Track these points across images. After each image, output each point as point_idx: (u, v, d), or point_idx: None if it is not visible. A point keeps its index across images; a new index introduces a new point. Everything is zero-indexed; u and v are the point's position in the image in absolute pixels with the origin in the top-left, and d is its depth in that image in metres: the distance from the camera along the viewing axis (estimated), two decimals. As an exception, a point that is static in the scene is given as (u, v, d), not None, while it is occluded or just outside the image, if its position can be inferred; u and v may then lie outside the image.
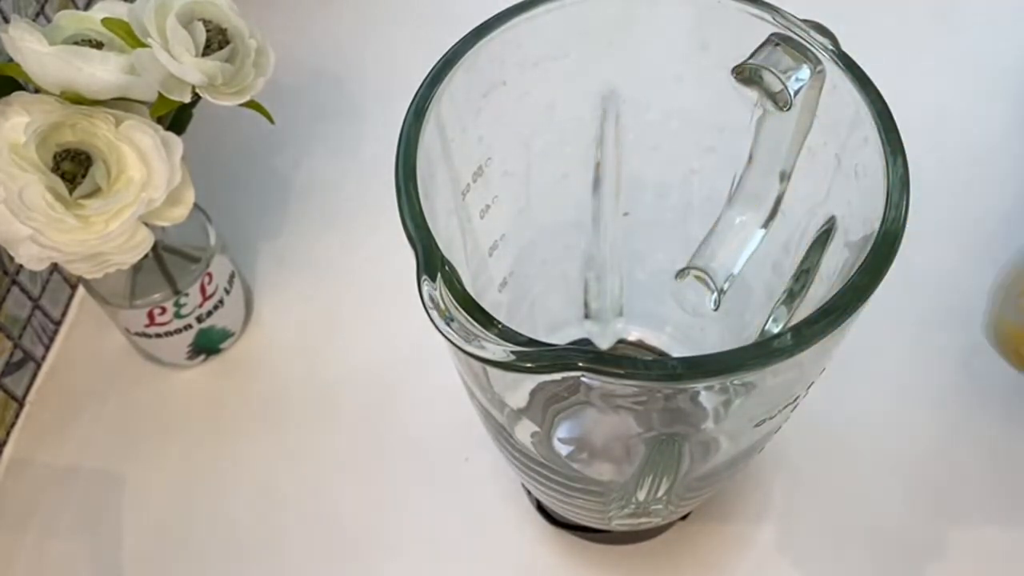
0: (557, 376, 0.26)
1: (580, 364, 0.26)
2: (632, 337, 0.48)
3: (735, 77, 0.30)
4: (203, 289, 0.52)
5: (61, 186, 0.42)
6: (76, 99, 0.43)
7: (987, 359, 0.52)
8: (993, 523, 0.47)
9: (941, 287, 0.54)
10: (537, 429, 0.40)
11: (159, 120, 0.45)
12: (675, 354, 0.47)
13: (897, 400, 0.51)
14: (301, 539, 0.49)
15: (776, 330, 0.36)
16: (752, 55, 0.30)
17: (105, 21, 0.45)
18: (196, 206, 0.47)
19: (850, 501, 0.48)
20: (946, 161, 0.59)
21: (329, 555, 0.49)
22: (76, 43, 0.44)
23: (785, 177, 0.34)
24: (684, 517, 0.47)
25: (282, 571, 0.49)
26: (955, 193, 0.57)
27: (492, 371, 0.32)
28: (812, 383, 0.33)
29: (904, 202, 0.28)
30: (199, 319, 0.53)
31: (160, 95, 0.44)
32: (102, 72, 0.42)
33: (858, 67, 0.31)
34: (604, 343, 0.48)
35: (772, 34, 0.30)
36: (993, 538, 0.47)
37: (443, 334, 0.26)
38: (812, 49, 0.30)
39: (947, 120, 0.61)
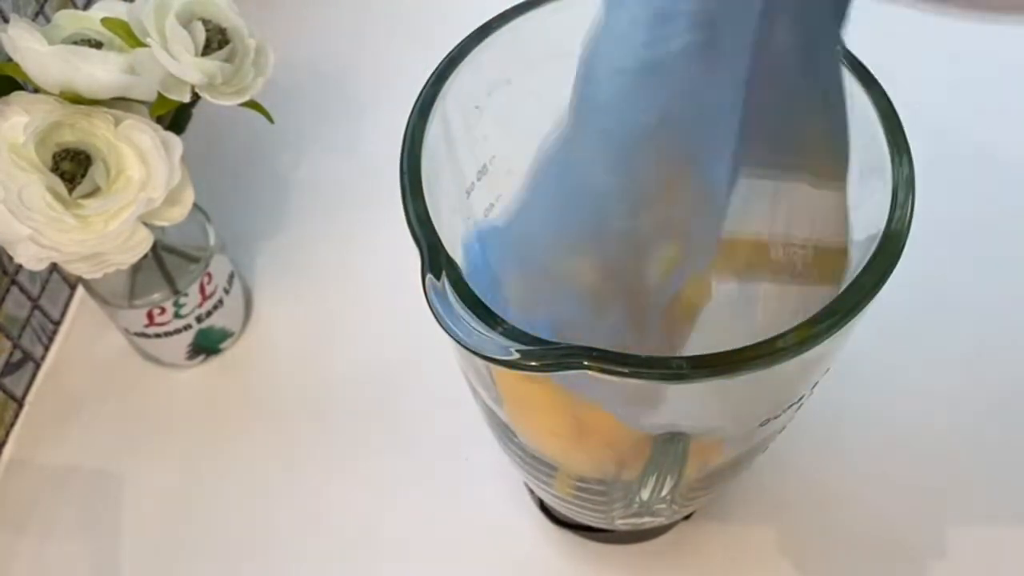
0: (562, 375, 0.26)
1: (585, 362, 0.26)
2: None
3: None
4: (202, 289, 0.52)
5: (60, 186, 0.42)
6: (75, 99, 0.43)
7: (989, 359, 0.52)
8: (994, 524, 0.47)
9: (943, 287, 0.54)
10: (540, 428, 0.39)
11: (159, 120, 0.45)
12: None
13: (898, 400, 0.51)
14: (300, 539, 0.49)
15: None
16: None
17: (104, 21, 0.45)
18: (195, 206, 0.47)
19: (852, 502, 0.48)
20: (950, 160, 0.59)
21: (329, 555, 0.49)
22: (75, 43, 0.44)
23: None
24: (687, 517, 0.47)
25: (281, 571, 0.49)
26: (959, 192, 0.57)
27: (496, 370, 0.32)
28: (816, 383, 0.33)
29: (909, 202, 0.28)
30: (198, 319, 0.53)
31: (160, 95, 0.44)
32: (101, 72, 0.42)
33: (863, 66, 0.31)
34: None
35: None
36: (994, 539, 0.47)
37: (447, 332, 0.26)
38: None
39: (952, 120, 0.61)
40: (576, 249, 0.28)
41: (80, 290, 0.60)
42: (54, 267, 0.57)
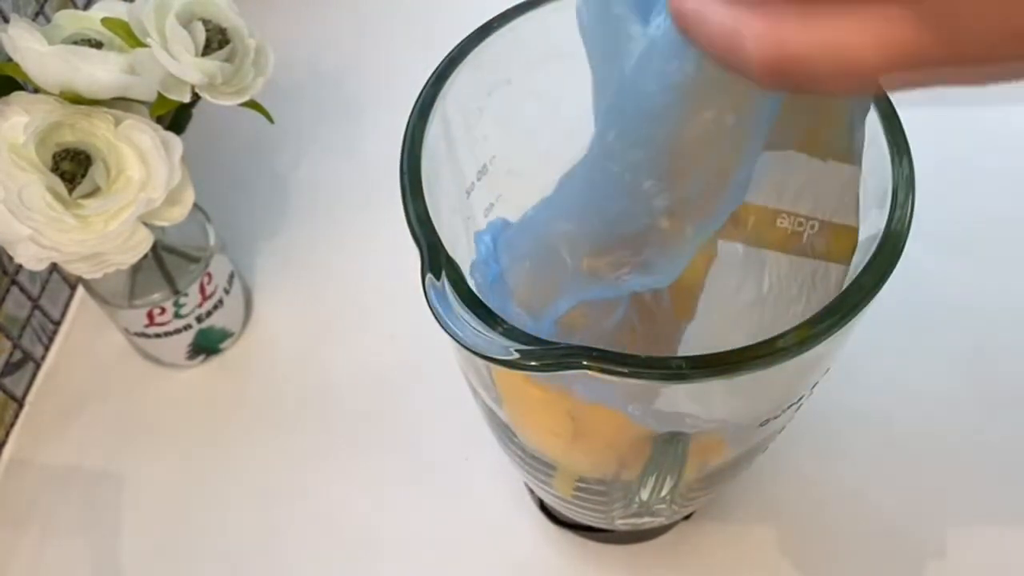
0: (562, 375, 0.26)
1: (584, 362, 0.26)
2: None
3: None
4: (202, 289, 0.52)
5: (60, 186, 0.42)
6: (75, 99, 0.43)
7: (989, 360, 0.52)
8: (994, 524, 0.47)
9: (943, 287, 0.54)
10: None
11: (159, 120, 0.45)
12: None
13: (899, 401, 0.51)
14: (300, 539, 0.49)
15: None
16: None
17: (104, 21, 0.45)
18: (195, 206, 0.47)
19: (852, 502, 0.48)
20: (951, 160, 0.59)
21: (329, 555, 0.49)
22: (75, 43, 0.44)
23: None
24: (687, 517, 0.47)
25: (281, 570, 0.49)
26: (959, 192, 0.57)
27: (496, 369, 0.32)
28: (816, 383, 0.33)
29: (909, 202, 0.28)
30: (198, 319, 0.53)
31: (160, 95, 0.44)
32: (101, 72, 0.42)
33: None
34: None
35: None
36: (993, 539, 0.47)
37: (447, 332, 0.26)
38: None
39: (953, 120, 0.61)
40: (596, 239, 0.28)
41: (80, 290, 0.60)
42: (54, 267, 0.57)
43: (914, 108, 0.33)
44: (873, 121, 0.30)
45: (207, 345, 0.55)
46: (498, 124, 0.34)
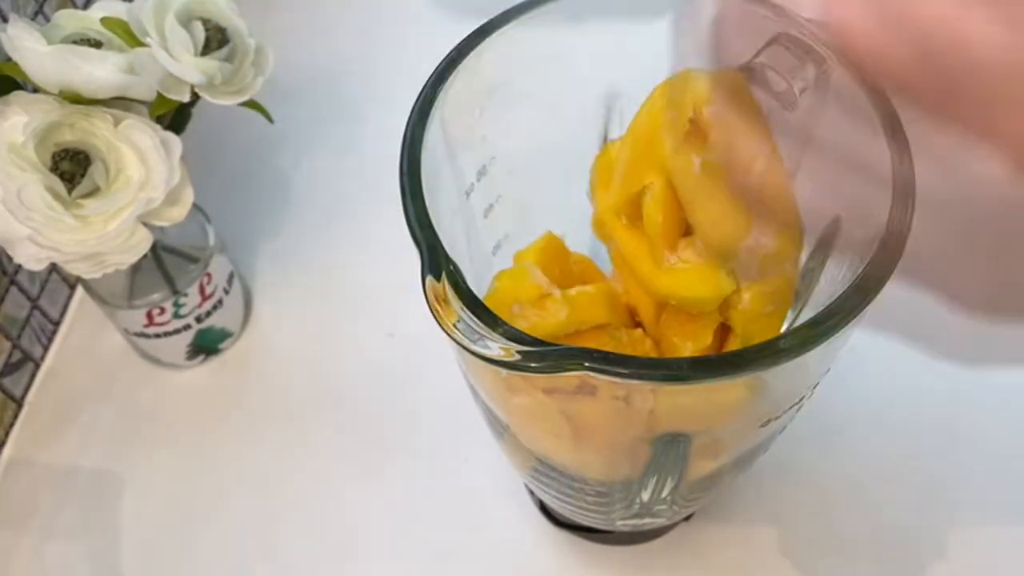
0: (563, 376, 0.26)
1: (586, 364, 0.26)
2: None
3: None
4: (202, 289, 0.52)
5: (60, 186, 0.42)
6: (75, 98, 0.43)
7: (990, 359, 0.52)
8: (995, 524, 0.47)
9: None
10: (541, 429, 0.39)
11: (158, 119, 0.45)
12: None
13: (899, 400, 0.51)
14: (300, 539, 0.49)
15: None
16: (757, 54, 0.30)
17: (104, 20, 0.45)
18: (195, 206, 0.47)
19: (853, 502, 0.48)
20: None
21: (329, 555, 0.49)
22: (75, 42, 0.44)
23: (790, 177, 0.33)
24: (688, 518, 0.47)
25: (281, 571, 0.49)
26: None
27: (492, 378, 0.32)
28: (817, 384, 0.33)
29: (909, 202, 0.28)
30: (198, 319, 0.53)
31: (159, 94, 0.44)
32: (101, 71, 0.42)
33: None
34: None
35: (777, 33, 0.30)
36: (994, 539, 0.47)
37: (448, 334, 0.26)
38: (818, 48, 0.30)
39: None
40: None
41: (80, 290, 0.60)
42: (53, 267, 0.57)
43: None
44: (873, 121, 0.30)
45: (207, 345, 0.55)
46: (498, 125, 0.34)
